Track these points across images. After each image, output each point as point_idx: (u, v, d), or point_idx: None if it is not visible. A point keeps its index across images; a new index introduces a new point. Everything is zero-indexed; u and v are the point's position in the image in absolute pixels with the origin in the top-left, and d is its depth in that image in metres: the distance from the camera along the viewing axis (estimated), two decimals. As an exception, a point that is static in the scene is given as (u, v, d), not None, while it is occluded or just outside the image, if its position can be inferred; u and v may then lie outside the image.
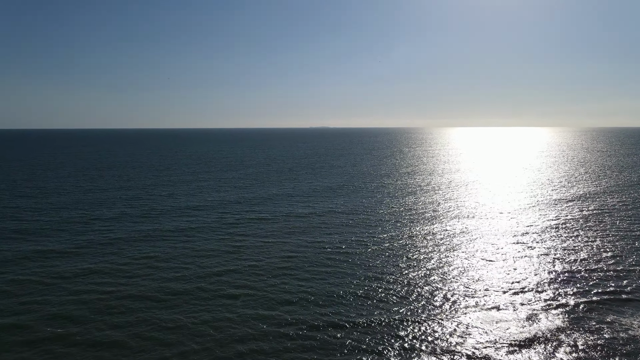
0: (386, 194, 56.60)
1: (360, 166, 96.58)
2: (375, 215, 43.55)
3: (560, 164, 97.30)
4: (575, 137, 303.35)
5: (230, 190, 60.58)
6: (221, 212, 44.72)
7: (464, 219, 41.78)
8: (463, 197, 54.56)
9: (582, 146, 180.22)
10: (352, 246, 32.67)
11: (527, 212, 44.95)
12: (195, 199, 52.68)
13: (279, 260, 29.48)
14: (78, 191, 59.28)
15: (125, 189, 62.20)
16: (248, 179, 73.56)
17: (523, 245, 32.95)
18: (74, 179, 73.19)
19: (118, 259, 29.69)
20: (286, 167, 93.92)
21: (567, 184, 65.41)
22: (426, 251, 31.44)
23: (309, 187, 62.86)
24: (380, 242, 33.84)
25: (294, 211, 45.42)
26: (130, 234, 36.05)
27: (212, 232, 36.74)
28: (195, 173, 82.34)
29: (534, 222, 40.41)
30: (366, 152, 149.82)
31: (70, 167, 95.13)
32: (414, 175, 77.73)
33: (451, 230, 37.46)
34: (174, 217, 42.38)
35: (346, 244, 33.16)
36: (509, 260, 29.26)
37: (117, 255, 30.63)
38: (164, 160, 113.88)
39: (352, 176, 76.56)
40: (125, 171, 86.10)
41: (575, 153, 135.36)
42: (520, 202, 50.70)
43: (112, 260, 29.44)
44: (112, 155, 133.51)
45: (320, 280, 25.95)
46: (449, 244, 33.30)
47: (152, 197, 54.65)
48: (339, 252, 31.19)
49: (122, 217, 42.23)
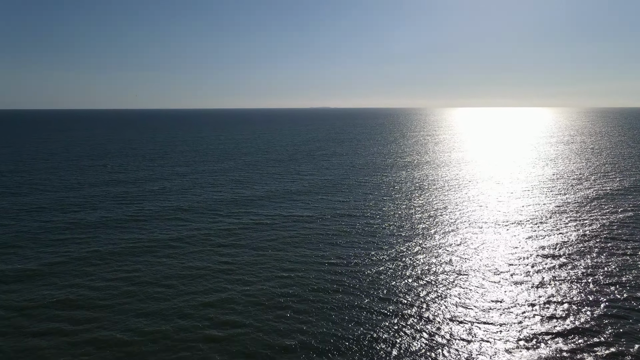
0: (393, 191, 52.67)
1: (363, 154, 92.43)
2: (382, 218, 39.67)
3: (581, 156, 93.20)
4: (585, 119, 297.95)
5: (226, 184, 56.70)
6: (213, 216, 40.92)
7: (483, 225, 37.90)
8: (478, 197, 50.68)
9: (596, 131, 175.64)
10: (359, 262, 28.87)
11: (559, 218, 41.07)
12: (187, 198, 48.85)
13: (274, 283, 25.71)
14: (63, 187, 55.42)
15: (114, 183, 58.36)
16: (245, 169, 69.59)
17: (562, 264, 29.16)
18: (62, 171, 69.27)
19: (90, 282, 25.95)
20: (286, 156, 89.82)
21: (601, 181, 61.46)
22: (445, 272, 27.64)
23: (310, 182, 58.96)
24: (389, 255, 30.02)
25: (293, 213, 41.60)
26: (108, 247, 32.27)
27: (201, 244, 32.94)
28: (190, 163, 78.37)
29: (566, 236, 36.55)
30: (368, 137, 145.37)
31: (61, 155, 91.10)
32: (421, 167, 73.75)
33: (470, 241, 33.61)
34: (162, 223, 38.57)
35: (351, 259, 29.36)
36: (546, 287, 25.51)
37: (89, 277, 26.86)
38: (160, 147, 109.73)
39: (355, 167, 72.52)
40: (118, 161, 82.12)
41: (594, 139, 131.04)
42: (548, 207, 46.80)
43: (83, 284, 25.70)
44: (107, 141, 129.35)
45: (322, 314, 22.20)
46: (472, 262, 29.50)
47: (141, 194, 50.82)
48: (344, 272, 27.38)
49: (104, 223, 38.41)
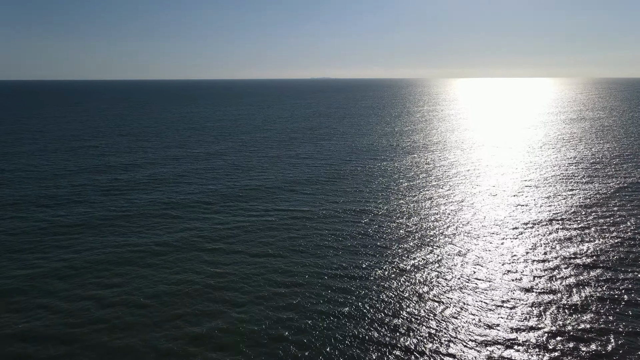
0: (400, 180, 49.14)
1: (366, 134, 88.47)
2: (391, 215, 36.24)
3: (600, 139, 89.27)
4: (592, 92, 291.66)
5: (222, 169, 53.15)
6: (206, 212, 37.51)
7: (506, 229, 34.52)
8: (494, 189, 47.20)
9: (606, 106, 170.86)
10: (367, 274, 25.57)
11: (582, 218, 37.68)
12: (179, 189, 45.42)
13: (271, 304, 22.46)
14: (48, 175, 51.89)
15: (103, 169, 54.87)
16: (243, 152, 65.92)
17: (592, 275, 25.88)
18: (50, 154, 65.62)
19: (56, 304, 22.64)
20: (285, 134, 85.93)
21: (623, 168, 57.85)
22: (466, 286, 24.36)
23: (310, 168, 55.40)
24: (400, 267, 26.74)
25: (291, 207, 38.19)
26: (85, 254, 28.91)
27: (190, 249, 29.60)
28: (186, 143, 74.65)
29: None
30: (371, 113, 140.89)
31: (50, 136, 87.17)
32: (428, 151, 70.09)
33: (494, 249, 30.26)
34: (149, 221, 35.11)
35: (357, 269, 26.06)
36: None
37: (55, 297, 23.54)
38: (154, 124, 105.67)
39: (358, 150, 68.78)
40: (109, 141, 78.34)
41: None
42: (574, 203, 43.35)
43: (49, 305, 22.45)
44: (100, 118, 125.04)
45: (325, 350, 19.01)
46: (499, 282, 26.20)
47: (129, 184, 47.34)
48: (350, 287, 24.08)
49: (84, 223, 34.92)
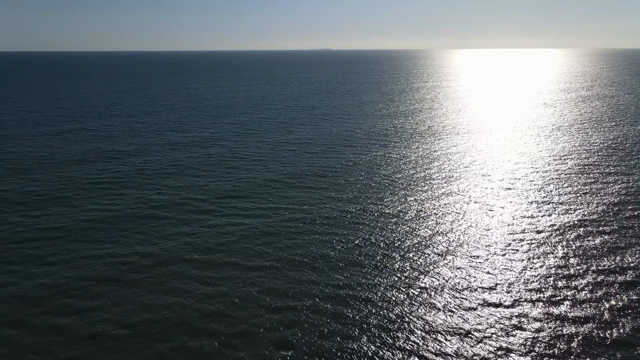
0: (409, 173, 46.10)
1: (369, 114, 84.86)
2: (400, 215, 33.36)
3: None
4: (598, 64, 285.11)
5: (216, 158, 50.08)
6: (195, 212, 34.65)
7: (525, 231, 31.70)
8: (510, 183, 44.24)
9: (614, 80, 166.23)
10: (373, 296, 22.87)
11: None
12: (168, 186, 42.52)
13: (264, 340, 19.80)
14: (30, 167, 48.90)
15: (93, 157, 51.88)
16: (239, 136, 62.69)
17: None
18: (38, 139, 62.44)
19: (16, 339, 20.05)
20: (284, 115, 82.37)
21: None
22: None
23: (310, 158, 52.33)
24: (410, 281, 24.02)
25: (289, 206, 35.29)
26: (58, 270, 26.23)
27: (175, 264, 26.78)
28: (180, 125, 71.31)
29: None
30: (373, 89, 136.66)
31: (41, 116, 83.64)
32: (437, 135, 66.83)
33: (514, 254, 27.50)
34: (134, 226, 32.15)
35: (364, 290, 23.35)
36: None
37: (13, 327, 20.92)
38: (150, 102, 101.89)
39: (361, 133, 65.46)
40: (103, 122, 74.97)
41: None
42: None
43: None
44: (95, 95, 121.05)
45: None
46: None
47: (116, 176, 44.39)
48: (355, 316, 21.39)
49: (58, 229, 31.86)
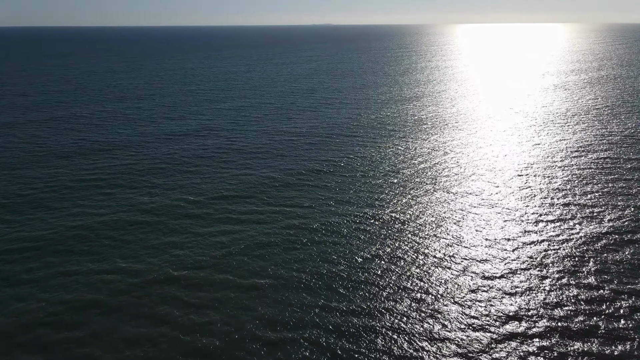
0: (419, 169, 43.16)
1: (372, 98, 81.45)
2: (410, 222, 30.59)
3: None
4: (604, 40, 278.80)
5: (211, 151, 47.15)
6: (187, 221, 31.90)
7: (544, 230, 28.90)
8: (526, 180, 41.34)
9: (626, 61, 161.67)
10: (381, 327, 20.24)
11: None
12: (159, 185, 39.70)
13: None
14: (8, 165, 46.05)
15: (75, 152, 48.97)
16: (236, 124, 59.59)
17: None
18: (25, 128, 59.41)
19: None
20: (283, 100, 78.97)
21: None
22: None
23: (310, 151, 49.36)
24: (424, 306, 21.37)
25: (285, 208, 32.53)
26: (27, 306, 23.60)
27: (161, 285, 24.11)
28: (175, 110, 68.11)
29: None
30: (377, 69, 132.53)
31: (31, 99, 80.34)
32: (446, 125, 63.63)
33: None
34: (116, 237, 29.49)
35: (371, 318, 20.72)
36: None
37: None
38: (145, 83, 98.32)
39: (365, 122, 62.29)
40: (94, 109, 71.76)
41: None
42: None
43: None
44: (89, 76, 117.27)
45: None
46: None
47: (104, 174, 41.54)
48: (360, 347, 18.78)
49: (35, 239, 29.38)
